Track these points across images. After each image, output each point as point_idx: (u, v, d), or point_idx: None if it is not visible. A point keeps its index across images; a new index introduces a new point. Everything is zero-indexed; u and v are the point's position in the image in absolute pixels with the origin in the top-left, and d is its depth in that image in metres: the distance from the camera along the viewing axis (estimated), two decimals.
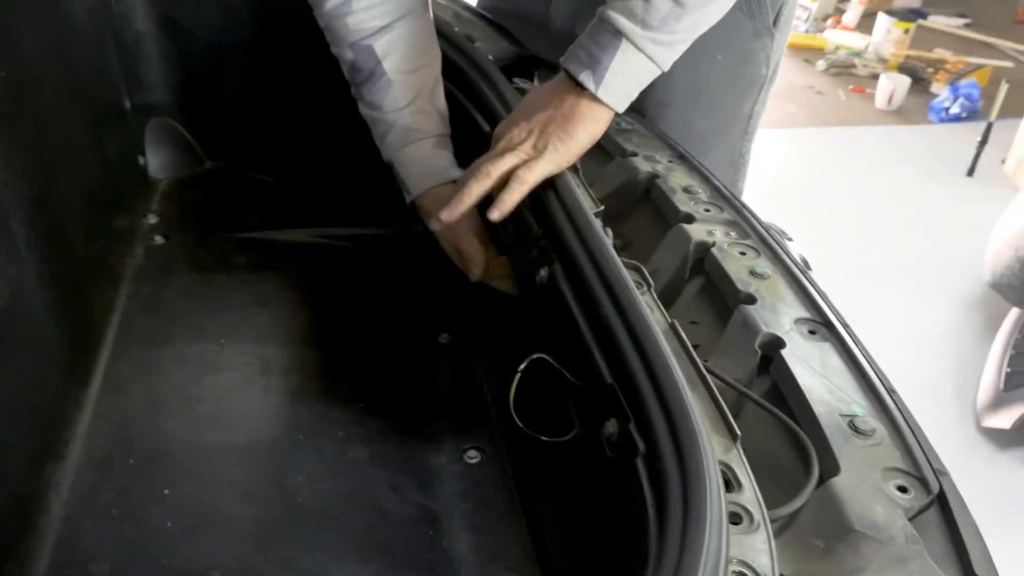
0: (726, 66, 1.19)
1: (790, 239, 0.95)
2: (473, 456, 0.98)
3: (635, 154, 1.05)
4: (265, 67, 1.39)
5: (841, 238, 2.75)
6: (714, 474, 0.53)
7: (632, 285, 0.72)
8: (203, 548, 0.81)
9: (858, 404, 0.68)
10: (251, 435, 0.95)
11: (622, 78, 0.86)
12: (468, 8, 1.41)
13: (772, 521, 0.60)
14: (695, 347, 0.78)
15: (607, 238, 0.80)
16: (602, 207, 0.89)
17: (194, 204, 1.38)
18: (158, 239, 1.27)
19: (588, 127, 0.89)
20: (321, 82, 1.15)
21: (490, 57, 1.27)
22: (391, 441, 0.97)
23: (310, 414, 0.99)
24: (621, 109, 0.89)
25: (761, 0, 1.16)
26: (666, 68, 0.88)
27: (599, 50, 0.85)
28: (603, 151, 1.08)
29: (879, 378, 0.70)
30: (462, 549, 0.86)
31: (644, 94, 1.19)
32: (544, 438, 0.87)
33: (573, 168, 0.93)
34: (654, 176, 1.00)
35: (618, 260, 0.76)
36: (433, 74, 1.09)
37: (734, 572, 0.51)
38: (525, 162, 0.89)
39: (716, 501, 0.50)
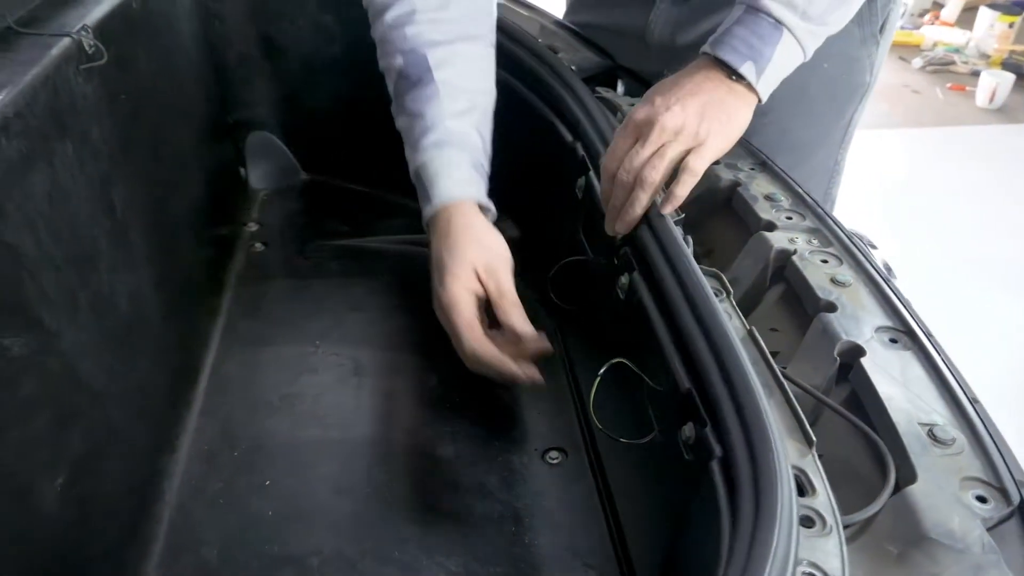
0: (831, 74, 1.17)
1: (874, 247, 0.94)
2: (554, 457, 1.01)
3: (717, 162, 1.06)
4: (355, 83, 1.44)
5: (940, 243, 2.66)
6: (786, 476, 0.54)
7: (710, 293, 0.74)
8: (302, 537, 0.87)
9: (938, 413, 0.68)
10: (345, 432, 1.01)
11: (778, 70, 0.85)
12: (555, 21, 1.44)
13: (847, 527, 0.61)
14: (774, 354, 0.80)
15: (688, 247, 0.82)
16: (682, 215, 0.90)
17: (291, 213, 1.46)
18: (258, 246, 1.35)
19: (745, 114, 0.87)
20: None
21: (572, 67, 1.30)
22: (476, 441, 1.01)
23: (400, 414, 1.04)
24: (765, 100, 0.88)
25: (871, 7, 1.14)
26: (809, 56, 0.88)
27: (760, 41, 0.83)
28: None
29: (962, 387, 0.70)
30: (544, 545, 0.89)
31: None
32: (623, 440, 0.89)
33: None
34: (735, 184, 1.01)
35: (698, 269, 0.78)
36: (484, 103, 1.05)
37: (804, 573, 0.52)
38: (692, 149, 0.83)
39: (787, 503, 0.52)
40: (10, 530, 0.62)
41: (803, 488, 0.60)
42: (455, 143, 1.00)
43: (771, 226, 0.93)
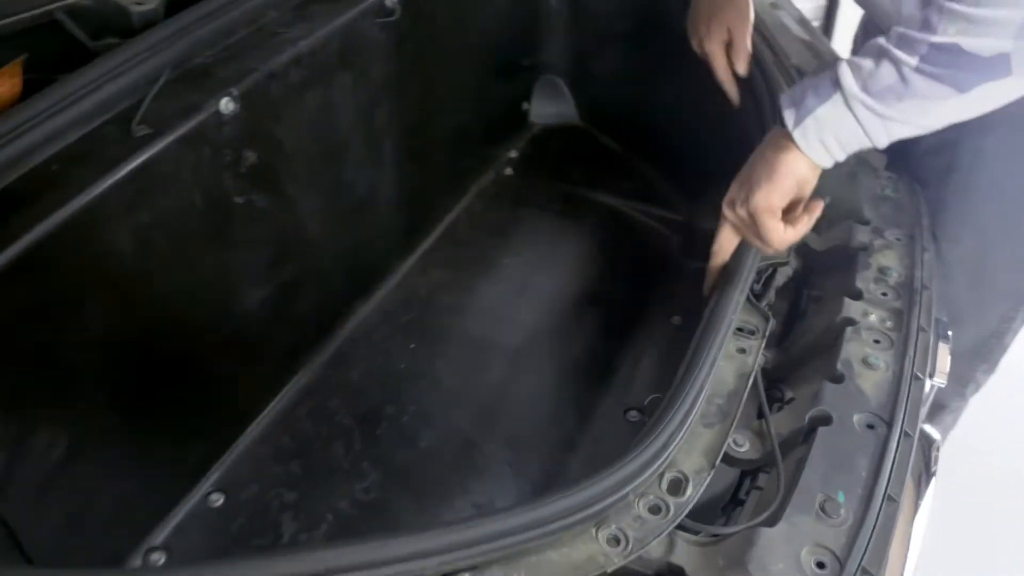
0: None
1: (947, 339, 0.99)
2: (633, 416, 1.21)
3: (867, 222, 1.13)
4: (643, 53, 1.65)
5: None
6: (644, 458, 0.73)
7: (719, 328, 0.89)
8: (410, 390, 1.20)
9: (847, 493, 0.78)
10: (486, 331, 1.30)
11: (823, 129, 0.85)
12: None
13: (712, 535, 0.77)
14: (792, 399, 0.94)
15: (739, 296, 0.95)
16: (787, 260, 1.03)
17: (551, 152, 1.73)
18: (508, 171, 1.66)
19: (787, 164, 0.89)
20: (686, 80, 1.36)
21: None
22: (582, 379, 1.24)
23: (537, 337, 1.30)
24: (820, 161, 0.89)
25: None
26: (879, 143, 0.86)
27: (812, 93, 0.85)
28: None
29: (888, 483, 0.79)
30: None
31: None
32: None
33: None
34: (862, 248, 1.08)
35: (731, 306, 0.92)
36: None
37: (611, 534, 0.72)
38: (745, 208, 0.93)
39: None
40: (218, 312, 1.02)
41: (679, 488, 0.78)
42: None
43: (859, 295, 1.01)
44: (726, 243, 1.01)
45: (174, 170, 0.90)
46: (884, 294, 1.02)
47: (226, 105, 0.95)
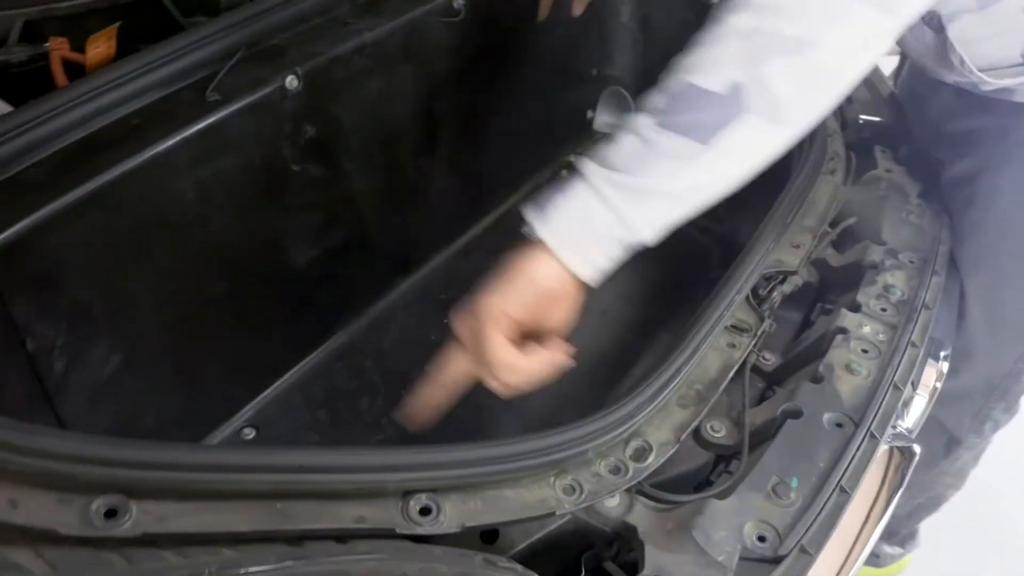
0: None
1: (944, 358, 1.02)
2: None
3: (884, 243, 1.16)
4: None
5: None
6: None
7: (708, 320, 0.95)
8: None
9: (801, 480, 0.83)
10: None
11: (569, 221, 0.74)
12: None
13: (669, 501, 0.83)
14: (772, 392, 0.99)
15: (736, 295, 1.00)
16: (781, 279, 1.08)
17: None
18: (564, 173, 1.74)
19: (534, 275, 0.77)
20: None
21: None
22: (607, 378, 1.31)
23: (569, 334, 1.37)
24: (574, 263, 0.76)
25: None
26: (639, 232, 0.74)
27: (556, 190, 0.77)
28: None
29: (844, 476, 0.84)
30: None
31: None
32: None
33: None
34: (872, 266, 1.12)
35: (727, 302, 0.98)
36: None
37: (566, 484, 0.79)
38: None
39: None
40: (266, 264, 1.14)
41: (642, 455, 0.84)
42: None
43: (857, 307, 1.05)
44: (446, 365, 0.84)
45: (238, 134, 1.03)
46: (883, 309, 1.05)
47: (290, 82, 1.07)
